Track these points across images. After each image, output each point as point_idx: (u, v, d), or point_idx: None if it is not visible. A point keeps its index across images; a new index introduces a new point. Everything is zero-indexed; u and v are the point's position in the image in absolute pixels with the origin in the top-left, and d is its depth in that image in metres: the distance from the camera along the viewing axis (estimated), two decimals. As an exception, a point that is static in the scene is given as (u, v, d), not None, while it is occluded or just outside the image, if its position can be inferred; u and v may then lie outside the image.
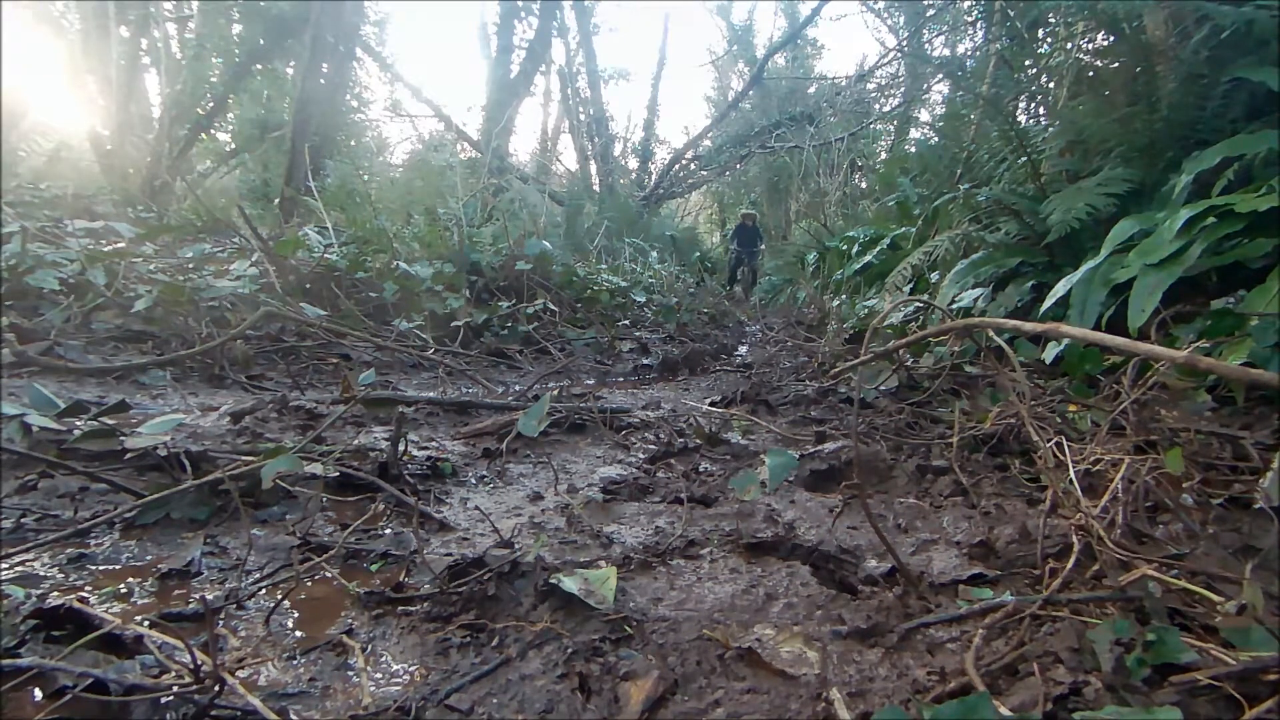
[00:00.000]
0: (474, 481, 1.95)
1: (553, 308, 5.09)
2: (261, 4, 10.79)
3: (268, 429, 2.20)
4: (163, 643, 1.01)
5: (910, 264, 3.74)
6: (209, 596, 1.20)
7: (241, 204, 5.25)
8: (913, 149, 7.48)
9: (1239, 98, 2.72)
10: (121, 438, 1.80)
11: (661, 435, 2.44)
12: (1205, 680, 0.87)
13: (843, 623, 1.14)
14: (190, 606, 1.17)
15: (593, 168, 14.87)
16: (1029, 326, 1.74)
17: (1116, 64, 3.18)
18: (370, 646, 1.08)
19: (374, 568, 1.37)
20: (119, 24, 9.28)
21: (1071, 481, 1.43)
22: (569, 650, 1.04)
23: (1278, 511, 1.29)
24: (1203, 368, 1.11)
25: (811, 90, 14.28)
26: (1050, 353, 2.48)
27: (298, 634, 1.12)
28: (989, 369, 2.43)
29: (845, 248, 5.84)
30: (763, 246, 12.69)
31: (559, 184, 13.77)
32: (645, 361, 4.56)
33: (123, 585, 1.24)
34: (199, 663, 0.90)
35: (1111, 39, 3.40)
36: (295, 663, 1.03)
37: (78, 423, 1.90)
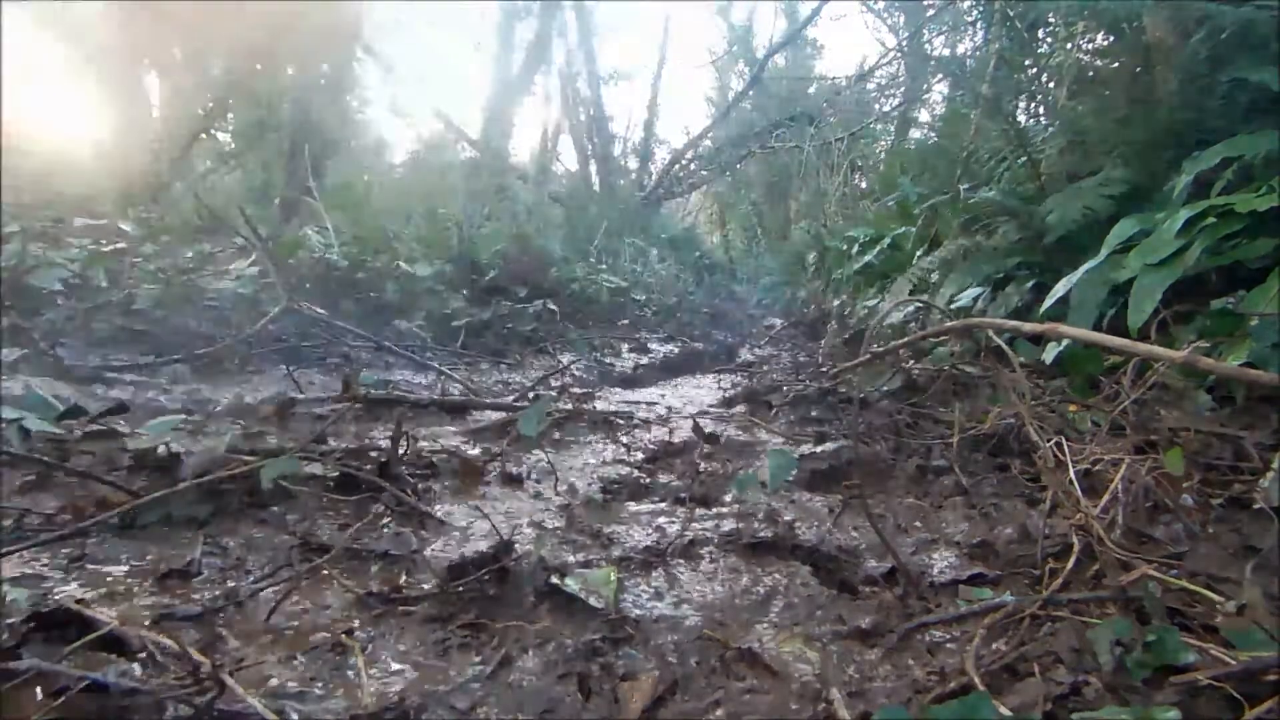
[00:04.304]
0: (474, 481, 1.95)
1: (553, 308, 5.09)
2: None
3: (268, 429, 2.20)
4: (162, 643, 1.01)
5: (914, 273, 3.76)
6: (209, 596, 1.20)
7: (241, 204, 5.24)
8: (912, 149, 7.47)
9: (1239, 98, 2.72)
10: (122, 438, 1.81)
11: (662, 435, 2.44)
12: (1205, 680, 0.87)
13: (843, 623, 1.14)
14: (190, 606, 1.17)
15: (593, 168, 14.83)
16: (1028, 327, 1.74)
17: (1116, 64, 3.18)
18: (370, 646, 1.08)
19: (374, 568, 1.37)
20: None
21: (1071, 481, 1.43)
22: (569, 650, 1.04)
23: (1278, 511, 1.28)
24: (1203, 368, 1.11)
25: (811, 90, 14.26)
26: (1050, 353, 2.48)
27: (298, 634, 1.12)
28: (989, 369, 2.43)
29: (845, 248, 5.84)
30: None
31: (559, 184, 13.76)
32: (645, 361, 4.56)
33: (123, 585, 1.24)
34: (198, 663, 0.90)
35: (1111, 39, 3.39)
36: (295, 663, 1.03)
37: (76, 423, 1.90)
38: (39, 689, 0.90)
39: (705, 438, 2.35)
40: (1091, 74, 3.54)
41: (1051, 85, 3.97)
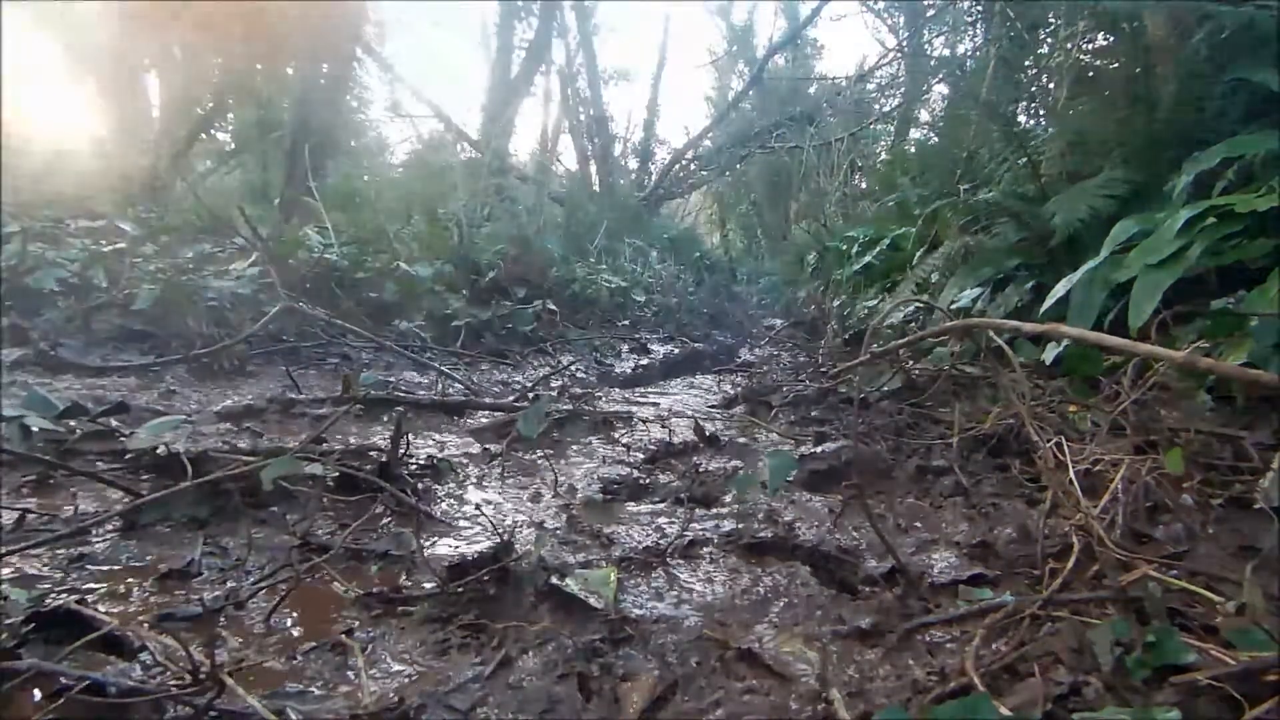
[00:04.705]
0: (474, 481, 1.95)
1: (553, 308, 5.09)
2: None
3: (268, 429, 2.20)
4: (162, 644, 1.01)
5: (916, 279, 3.75)
6: (209, 596, 1.20)
7: (241, 204, 5.24)
8: (912, 149, 7.47)
9: (1239, 98, 2.72)
10: (121, 438, 1.81)
11: (661, 435, 2.44)
12: (1205, 680, 0.87)
13: (843, 623, 1.14)
14: (190, 606, 1.17)
15: (593, 168, 14.83)
16: (1029, 327, 1.74)
17: (1116, 64, 3.18)
18: (370, 646, 1.08)
19: (374, 568, 1.37)
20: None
21: (1071, 481, 1.43)
22: (569, 650, 1.04)
23: (1278, 511, 1.28)
24: (1203, 368, 1.11)
25: (811, 90, 14.26)
26: (1050, 353, 2.48)
27: (298, 634, 1.12)
28: (989, 369, 2.43)
29: (845, 248, 5.83)
30: None
31: (559, 184, 13.75)
32: (645, 362, 4.56)
33: (122, 585, 1.24)
34: (198, 663, 0.90)
35: (1111, 39, 3.39)
36: (295, 663, 1.03)
37: (74, 423, 1.90)
38: (39, 689, 0.90)
39: (705, 438, 2.35)
40: (1091, 74, 3.54)
41: (1051, 86, 3.97)
